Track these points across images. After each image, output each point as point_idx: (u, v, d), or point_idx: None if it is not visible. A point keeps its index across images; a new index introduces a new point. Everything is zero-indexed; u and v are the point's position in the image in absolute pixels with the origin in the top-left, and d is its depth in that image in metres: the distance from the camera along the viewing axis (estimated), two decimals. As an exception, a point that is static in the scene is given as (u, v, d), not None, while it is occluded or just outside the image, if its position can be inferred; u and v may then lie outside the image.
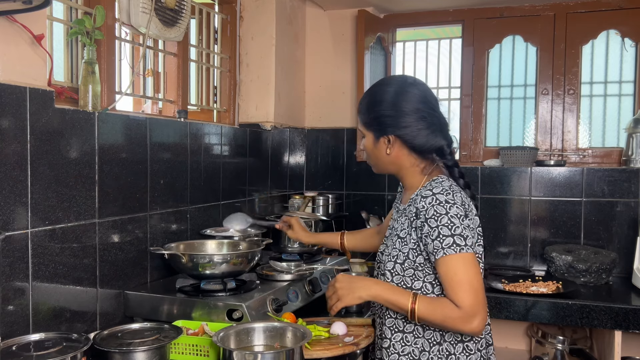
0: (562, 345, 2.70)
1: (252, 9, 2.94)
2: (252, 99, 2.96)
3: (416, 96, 1.53)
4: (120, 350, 1.47)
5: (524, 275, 2.82)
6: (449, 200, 1.44)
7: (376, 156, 1.59)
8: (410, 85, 1.56)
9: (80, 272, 1.75)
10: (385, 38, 3.42)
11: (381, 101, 1.54)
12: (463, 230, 1.42)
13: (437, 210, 1.43)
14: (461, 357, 1.51)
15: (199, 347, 1.60)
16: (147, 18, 2.08)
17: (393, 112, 1.52)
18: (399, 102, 1.53)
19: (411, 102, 1.52)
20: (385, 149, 1.55)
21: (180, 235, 2.24)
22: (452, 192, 1.46)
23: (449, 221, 1.42)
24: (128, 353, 1.47)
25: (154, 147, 2.09)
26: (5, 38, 1.50)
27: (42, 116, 1.60)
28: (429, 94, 1.57)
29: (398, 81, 1.59)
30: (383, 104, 1.54)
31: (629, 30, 3.07)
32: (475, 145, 3.31)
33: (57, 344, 1.44)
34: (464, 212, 1.44)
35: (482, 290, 1.42)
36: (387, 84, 1.58)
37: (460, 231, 1.41)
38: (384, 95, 1.55)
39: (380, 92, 1.56)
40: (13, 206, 1.51)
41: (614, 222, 2.89)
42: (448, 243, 1.41)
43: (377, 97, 1.56)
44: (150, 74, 2.40)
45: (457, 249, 1.40)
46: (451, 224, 1.41)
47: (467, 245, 1.41)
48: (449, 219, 1.42)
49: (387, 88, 1.56)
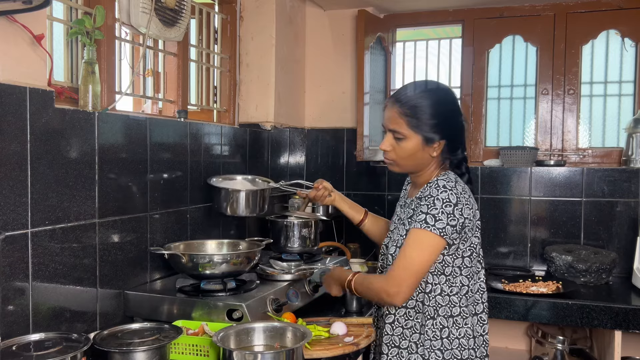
0: (562, 345, 2.70)
1: (252, 9, 2.94)
2: (252, 99, 2.96)
3: (459, 107, 1.69)
4: (120, 350, 1.47)
5: (524, 275, 2.82)
6: (446, 186, 1.53)
7: (415, 157, 1.63)
8: (455, 97, 1.72)
9: (80, 272, 1.75)
10: (385, 38, 3.42)
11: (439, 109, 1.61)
12: (439, 213, 1.50)
13: (431, 193, 1.54)
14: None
15: (199, 347, 1.60)
16: (147, 18, 2.08)
17: (448, 122, 1.62)
18: (452, 112, 1.64)
19: (458, 112, 1.66)
20: (432, 151, 1.61)
21: (180, 235, 2.24)
22: (455, 182, 1.56)
23: (433, 202, 1.51)
24: (128, 353, 1.47)
25: (154, 147, 2.09)
26: (5, 38, 1.50)
27: (42, 116, 1.60)
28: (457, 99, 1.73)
29: (449, 91, 1.71)
30: (440, 112, 1.60)
31: (629, 30, 3.07)
32: (475, 145, 3.31)
33: (57, 344, 1.44)
34: (454, 200, 1.51)
35: (416, 272, 1.51)
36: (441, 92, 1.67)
37: (435, 212, 1.50)
38: (441, 104, 1.62)
39: (436, 99, 1.62)
40: (13, 206, 1.51)
41: (614, 222, 2.89)
42: (420, 218, 1.51)
43: (435, 104, 1.61)
44: (150, 74, 2.40)
45: (423, 225, 1.50)
46: (432, 205, 1.51)
47: (435, 227, 1.49)
48: (434, 200, 1.51)
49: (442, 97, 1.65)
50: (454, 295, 1.59)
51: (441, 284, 1.58)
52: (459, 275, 1.60)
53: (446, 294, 1.59)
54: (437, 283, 1.59)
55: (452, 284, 1.59)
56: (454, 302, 1.59)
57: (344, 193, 3.30)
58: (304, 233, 2.48)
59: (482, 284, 1.67)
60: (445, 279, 1.59)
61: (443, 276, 1.59)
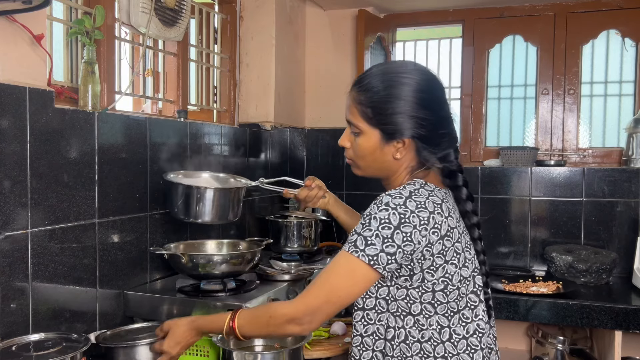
0: (562, 346, 2.70)
1: (252, 9, 2.94)
2: (252, 99, 2.96)
3: (439, 94, 1.29)
4: (126, 345, 1.47)
5: (524, 275, 2.82)
6: (390, 203, 1.19)
7: (375, 159, 1.30)
8: (432, 81, 1.29)
9: (80, 272, 1.75)
10: (385, 38, 3.42)
11: (400, 96, 1.25)
12: (372, 237, 1.17)
13: (370, 210, 1.21)
14: None
15: (198, 347, 1.60)
16: (147, 18, 2.08)
17: (415, 113, 1.24)
18: (421, 100, 1.25)
19: (435, 102, 1.27)
20: (395, 152, 1.27)
21: (180, 235, 2.24)
22: (406, 198, 1.20)
23: (368, 221, 1.19)
24: (132, 347, 1.47)
25: (154, 147, 2.08)
26: (5, 38, 1.50)
27: (41, 116, 1.60)
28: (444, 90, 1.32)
29: (419, 72, 1.28)
30: (403, 99, 1.24)
31: (629, 30, 3.06)
32: (475, 145, 3.31)
33: (57, 344, 1.44)
34: (396, 222, 1.17)
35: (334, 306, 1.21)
36: (405, 74, 1.27)
37: (368, 234, 1.17)
38: (404, 88, 1.25)
39: (398, 83, 1.26)
40: (13, 206, 1.51)
41: (614, 222, 2.89)
42: (351, 240, 1.19)
43: (395, 90, 1.25)
44: (150, 74, 2.39)
45: (351, 248, 1.18)
46: (367, 224, 1.18)
47: (364, 252, 1.16)
48: (371, 219, 1.18)
49: (407, 80, 1.26)
50: (427, 342, 1.23)
51: (407, 328, 1.24)
52: (433, 315, 1.24)
53: (415, 340, 1.24)
54: (402, 327, 1.25)
55: (423, 326, 1.23)
56: (426, 351, 1.23)
57: (344, 193, 3.30)
58: (303, 233, 2.48)
59: (481, 324, 1.28)
60: (413, 321, 1.24)
61: (410, 317, 1.24)
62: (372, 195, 1.31)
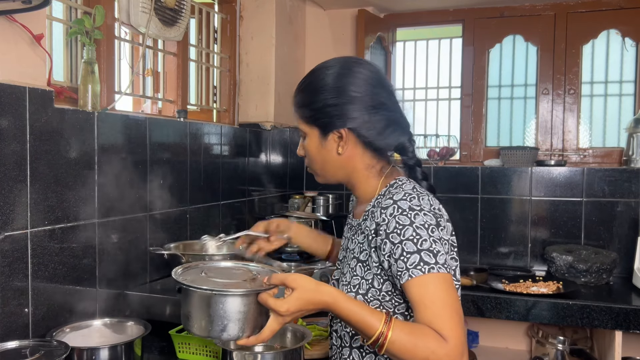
0: (562, 346, 2.70)
1: (252, 8, 2.94)
2: (251, 99, 2.95)
3: (368, 78, 1.23)
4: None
5: (524, 275, 2.81)
6: (413, 206, 1.13)
7: (324, 159, 1.26)
8: (358, 65, 1.24)
9: (80, 272, 1.75)
10: (386, 38, 3.42)
11: (324, 87, 1.23)
12: (433, 244, 1.10)
13: (400, 221, 1.12)
14: None
15: (208, 348, 1.59)
16: (147, 18, 2.08)
17: (342, 99, 1.21)
18: (346, 85, 1.21)
19: (363, 86, 1.22)
20: (337, 147, 1.23)
21: (180, 235, 2.24)
22: (418, 196, 1.16)
23: (415, 233, 1.11)
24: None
25: (154, 147, 2.08)
26: (5, 38, 1.50)
27: (41, 116, 1.60)
28: (382, 76, 1.27)
29: (340, 61, 1.26)
30: (327, 89, 1.22)
31: (629, 29, 3.06)
32: (475, 145, 3.31)
33: (35, 351, 1.37)
34: (434, 220, 1.14)
35: (463, 323, 1.08)
36: (328, 67, 1.26)
37: (428, 245, 1.10)
38: (327, 79, 1.23)
39: (322, 75, 1.25)
40: (13, 206, 1.51)
41: (615, 222, 2.88)
42: (414, 262, 1.09)
43: (319, 82, 1.24)
44: (150, 74, 2.39)
45: (425, 268, 1.08)
46: (417, 237, 1.10)
47: (438, 263, 1.09)
48: (414, 230, 1.11)
49: (329, 71, 1.24)
50: None
51: None
52: None
53: None
54: None
55: None
56: None
57: (344, 193, 3.30)
58: (304, 233, 2.47)
59: None
60: None
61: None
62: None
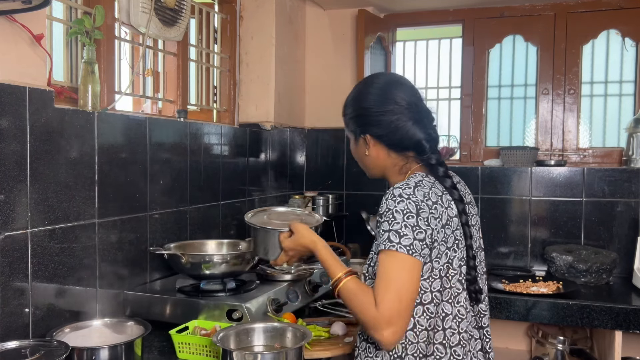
0: (562, 346, 2.70)
1: (252, 8, 2.94)
2: (251, 99, 2.95)
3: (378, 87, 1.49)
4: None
5: (524, 275, 2.82)
6: (402, 194, 1.32)
7: (360, 158, 1.56)
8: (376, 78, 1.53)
9: (80, 272, 1.75)
10: (386, 38, 3.42)
11: (349, 102, 1.54)
12: (402, 228, 1.29)
13: (387, 205, 1.33)
14: None
15: (208, 348, 1.59)
16: (147, 18, 2.08)
17: (360, 112, 1.49)
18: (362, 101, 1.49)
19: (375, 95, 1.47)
20: (365, 150, 1.50)
21: (180, 235, 2.24)
22: (414, 187, 1.34)
23: (392, 216, 1.31)
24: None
25: (154, 147, 2.08)
26: (5, 38, 1.50)
27: (41, 116, 1.60)
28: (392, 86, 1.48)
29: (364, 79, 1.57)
30: (350, 104, 1.53)
31: (629, 29, 3.06)
32: (475, 145, 3.31)
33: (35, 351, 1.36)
34: (415, 209, 1.30)
35: (407, 302, 1.27)
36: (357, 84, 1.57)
37: (397, 227, 1.29)
38: (350, 95, 1.54)
39: (351, 92, 1.55)
40: (13, 206, 1.51)
41: (615, 222, 2.89)
42: (384, 238, 1.30)
43: (348, 98, 1.55)
44: (150, 74, 2.39)
45: (387, 244, 1.29)
46: (392, 219, 1.30)
47: (400, 243, 1.27)
48: (392, 213, 1.31)
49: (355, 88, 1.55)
50: (432, 331, 1.34)
51: (417, 317, 1.33)
52: (441, 302, 1.35)
53: (423, 328, 1.33)
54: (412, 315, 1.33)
55: (431, 315, 1.34)
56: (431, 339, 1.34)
57: (344, 193, 3.30)
58: (304, 233, 2.47)
59: (461, 310, 1.38)
60: (422, 311, 1.33)
61: (420, 307, 1.33)
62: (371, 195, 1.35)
